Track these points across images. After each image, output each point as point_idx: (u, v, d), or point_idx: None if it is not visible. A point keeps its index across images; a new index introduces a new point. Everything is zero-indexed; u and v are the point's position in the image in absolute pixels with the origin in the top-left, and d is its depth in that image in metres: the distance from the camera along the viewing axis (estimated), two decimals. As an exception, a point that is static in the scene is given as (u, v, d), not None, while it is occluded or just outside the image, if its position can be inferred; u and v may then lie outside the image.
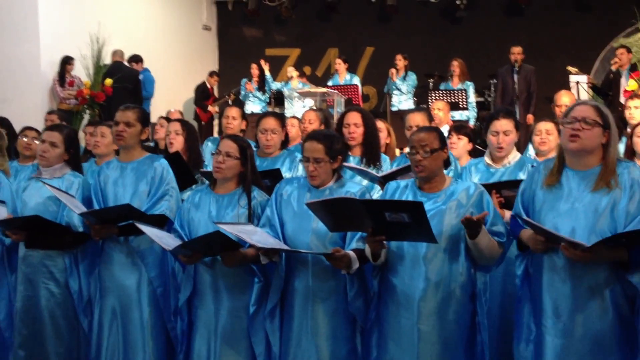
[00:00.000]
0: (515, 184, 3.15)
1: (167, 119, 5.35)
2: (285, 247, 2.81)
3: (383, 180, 3.40)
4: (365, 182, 3.59)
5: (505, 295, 3.35)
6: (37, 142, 4.25)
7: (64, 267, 3.32)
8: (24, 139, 4.28)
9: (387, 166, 3.79)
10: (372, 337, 2.77)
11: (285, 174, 3.71)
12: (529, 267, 2.61)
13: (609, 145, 2.41)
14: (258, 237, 2.77)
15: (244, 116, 4.86)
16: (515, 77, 8.43)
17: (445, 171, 2.81)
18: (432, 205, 2.62)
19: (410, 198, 2.67)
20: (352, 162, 3.69)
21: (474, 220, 2.45)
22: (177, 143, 4.05)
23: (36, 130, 4.34)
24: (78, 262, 3.34)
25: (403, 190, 2.73)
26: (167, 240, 2.92)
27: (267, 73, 9.93)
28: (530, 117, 8.15)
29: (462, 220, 2.47)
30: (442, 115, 5.63)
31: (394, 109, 9.02)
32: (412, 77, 9.18)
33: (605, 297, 2.39)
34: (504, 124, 3.39)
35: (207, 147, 4.84)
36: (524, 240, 2.57)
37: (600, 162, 2.42)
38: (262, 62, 10.00)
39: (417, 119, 3.81)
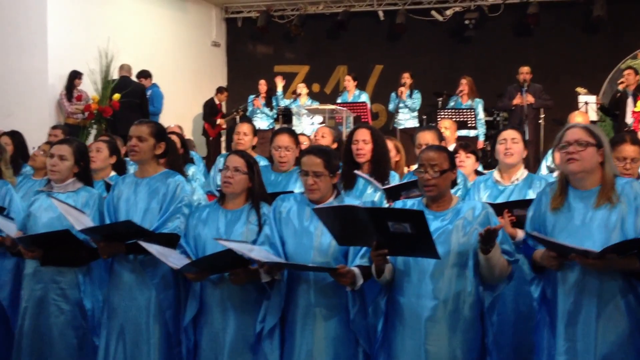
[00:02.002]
0: (526, 203, 3.12)
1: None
2: (289, 262, 2.78)
3: (387, 195, 3.39)
4: (375, 195, 3.60)
5: (518, 315, 3.31)
6: (41, 153, 4.25)
7: (75, 284, 3.26)
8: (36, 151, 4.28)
9: (395, 183, 3.77)
10: (379, 359, 2.72)
11: (301, 189, 3.69)
12: (546, 289, 2.61)
13: (604, 162, 2.50)
14: (257, 253, 2.75)
15: (256, 132, 4.86)
16: (524, 96, 8.41)
17: (453, 190, 2.80)
18: (439, 223, 2.60)
19: None
20: (362, 180, 3.68)
21: (492, 231, 2.44)
22: None
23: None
24: (91, 278, 3.30)
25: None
26: (173, 258, 2.88)
27: (280, 90, 9.95)
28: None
29: (481, 233, 2.45)
30: (449, 134, 5.63)
31: (400, 127, 9.02)
32: (418, 96, 9.18)
33: (620, 308, 2.42)
34: (511, 133, 3.48)
35: (220, 164, 4.82)
36: (538, 261, 2.57)
37: (601, 181, 2.50)
38: (280, 78, 10.02)
39: (428, 138, 3.81)
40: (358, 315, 2.79)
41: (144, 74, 9.33)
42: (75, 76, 8.29)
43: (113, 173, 4.03)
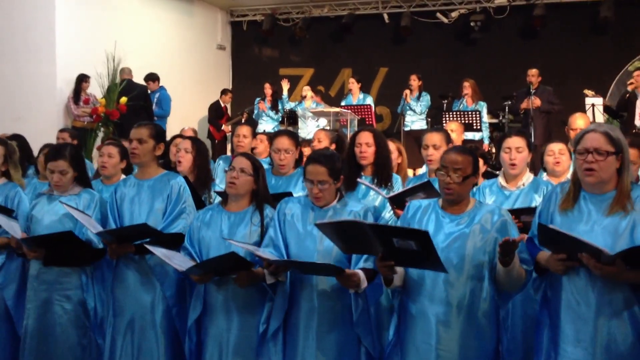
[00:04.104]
0: (533, 210, 3.10)
1: (181, 137, 5.35)
2: (295, 260, 2.78)
3: (392, 203, 3.38)
4: (377, 199, 3.60)
5: (526, 320, 3.28)
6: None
7: (78, 284, 3.31)
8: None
9: (398, 186, 3.78)
10: None
11: (299, 192, 3.70)
12: (547, 291, 2.56)
13: (622, 169, 2.39)
14: (262, 254, 2.77)
15: (255, 135, 4.88)
16: (531, 99, 8.39)
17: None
18: (455, 227, 2.57)
19: (432, 218, 2.62)
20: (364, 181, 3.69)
21: (511, 242, 2.36)
22: (186, 161, 4.03)
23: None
24: (94, 279, 3.33)
25: (425, 210, 2.67)
26: (178, 260, 2.91)
27: (285, 93, 9.96)
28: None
29: (500, 244, 2.38)
30: (456, 136, 5.59)
31: (406, 129, 9.01)
32: (426, 98, 9.17)
33: (625, 319, 2.35)
34: (515, 141, 3.41)
35: (220, 166, 4.85)
36: (542, 263, 2.52)
37: (616, 186, 2.40)
38: (285, 81, 10.04)
39: (435, 139, 3.78)
40: (361, 317, 2.80)
41: (152, 77, 9.38)
42: (82, 79, 8.35)
43: (124, 177, 4.05)
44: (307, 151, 4.80)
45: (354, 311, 2.78)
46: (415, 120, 9.14)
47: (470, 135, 8.32)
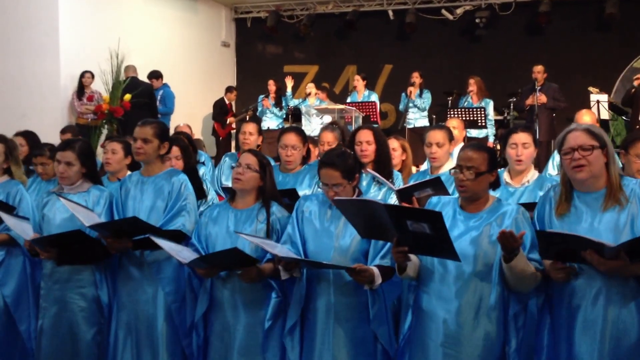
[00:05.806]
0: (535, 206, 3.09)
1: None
2: (305, 259, 2.79)
3: (399, 196, 3.39)
4: (379, 195, 3.61)
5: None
6: (47, 161, 4.24)
7: (92, 281, 3.30)
8: (39, 167, 4.23)
9: (399, 182, 3.81)
10: (404, 357, 2.72)
11: (305, 190, 3.70)
12: (548, 292, 2.55)
13: (609, 163, 2.43)
14: (278, 250, 2.79)
15: (261, 132, 4.85)
16: (536, 95, 8.36)
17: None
18: (468, 225, 2.56)
19: (449, 215, 2.61)
20: (365, 179, 3.71)
21: (508, 235, 2.32)
22: (177, 167, 3.97)
23: (50, 146, 4.28)
24: (106, 274, 3.33)
25: (444, 206, 2.67)
26: (183, 253, 2.92)
27: (289, 90, 9.95)
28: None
29: (498, 236, 2.36)
30: (457, 133, 5.58)
31: (409, 126, 9.00)
32: (427, 95, 9.16)
33: (632, 311, 2.37)
34: (522, 137, 3.38)
35: (225, 163, 4.84)
36: (546, 269, 2.50)
37: (607, 182, 2.43)
38: (289, 78, 10.02)
39: (438, 136, 3.79)
40: (378, 314, 2.79)
41: (155, 75, 9.38)
42: (84, 75, 8.35)
43: (129, 173, 4.04)
44: (314, 148, 4.72)
45: (370, 308, 2.78)
46: (418, 118, 9.13)
47: (475, 133, 8.31)
